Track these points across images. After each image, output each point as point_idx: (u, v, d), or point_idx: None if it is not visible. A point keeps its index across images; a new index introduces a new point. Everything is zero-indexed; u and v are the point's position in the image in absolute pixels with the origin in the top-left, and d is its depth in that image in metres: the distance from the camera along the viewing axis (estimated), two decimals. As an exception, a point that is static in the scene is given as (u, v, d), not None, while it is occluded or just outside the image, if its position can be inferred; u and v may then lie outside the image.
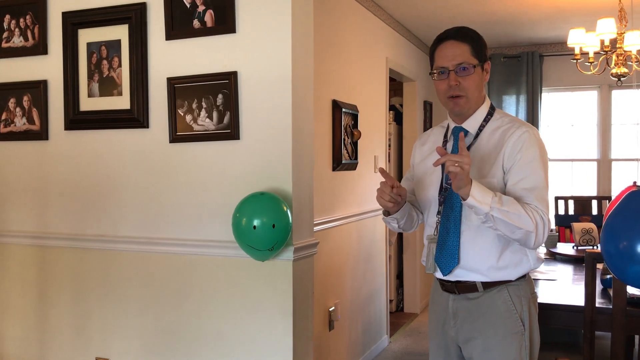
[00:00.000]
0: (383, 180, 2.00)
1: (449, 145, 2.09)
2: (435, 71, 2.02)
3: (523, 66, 6.40)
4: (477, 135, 2.03)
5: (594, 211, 5.29)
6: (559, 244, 4.61)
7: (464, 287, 2.02)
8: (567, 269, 3.93)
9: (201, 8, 2.58)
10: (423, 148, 2.22)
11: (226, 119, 2.56)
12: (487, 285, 1.99)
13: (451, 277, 2.03)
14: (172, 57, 2.67)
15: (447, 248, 2.00)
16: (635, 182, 2.10)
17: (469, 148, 2.02)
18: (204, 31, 2.59)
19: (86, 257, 2.87)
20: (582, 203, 5.36)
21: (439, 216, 2.04)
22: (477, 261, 1.98)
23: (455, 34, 2.02)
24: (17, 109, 2.98)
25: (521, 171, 1.92)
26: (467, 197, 1.82)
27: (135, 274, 2.78)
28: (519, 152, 1.93)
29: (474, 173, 1.97)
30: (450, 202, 2.01)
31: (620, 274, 1.83)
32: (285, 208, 2.37)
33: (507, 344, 1.96)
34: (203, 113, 2.60)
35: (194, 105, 2.61)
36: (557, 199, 5.44)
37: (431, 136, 2.22)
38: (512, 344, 1.96)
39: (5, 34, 2.99)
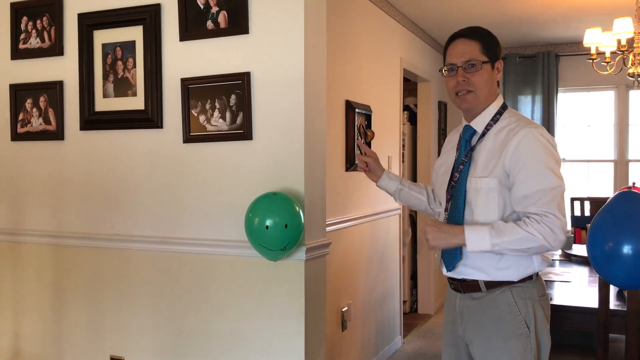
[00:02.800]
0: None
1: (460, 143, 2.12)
2: (445, 68, 2.06)
3: (539, 66, 6.35)
4: (484, 134, 2.03)
5: (611, 212, 5.22)
6: (574, 246, 4.58)
7: (469, 286, 2.03)
8: (582, 271, 3.91)
9: (215, 9, 2.59)
10: (447, 147, 2.27)
11: (239, 120, 2.57)
12: (490, 285, 1.99)
13: (456, 275, 2.05)
14: (185, 58, 2.69)
15: None
16: (634, 183, 2.07)
17: (475, 147, 2.03)
18: (218, 32, 2.60)
19: (101, 256, 2.90)
20: (599, 204, 5.28)
21: (446, 213, 2.05)
22: (479, 259, 1.98)
23: (465, 32, 2.06)
24: (34, 110, 3.02)
25: (526, 174, 1.90)
26: (465, 246, 1.86)
27: (149, 273, 2.80)
28: (521, 154, 1.91)
29: (477, 171, 1.98)
30: (456, 199, 2.03)
31: (603, 274, 1.83)
32: (297, 208, 2.38)
33: (510, 346, 1.95)
34: (216, 113, 2.61)
35: (208, 106, 2.63)
36: (572, 200, 5.40)
37: (452, 136, 2.27)
38: (515, 345, 1.95)
39: (22, 36, 3.03)
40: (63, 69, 2.95)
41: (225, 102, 2.59)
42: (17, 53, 3.05)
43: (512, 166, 1.92)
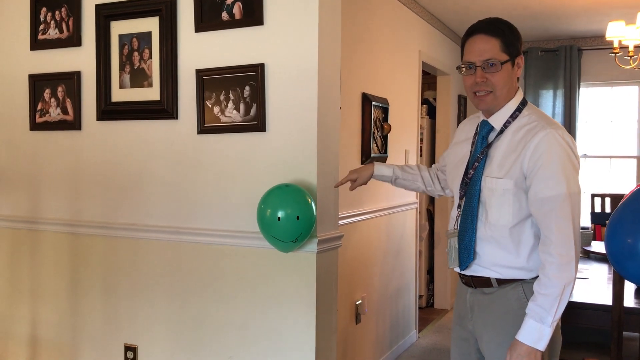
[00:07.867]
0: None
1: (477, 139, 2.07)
2: (463, 66, 1.98)
3: (561, 60, 6.26)
4: (502, 131, 1.98)
5: (632, 209, 5.14)
6: (593, 242, 4.52)
7: (480, 282, 2.01)
8: (601, 268, 3.86)
9: (230, 0, 2.60)
10: (461, 135, 2.21)
11: (253, 111, 2.58)
12: (502, 282, 1.97)
13: (467, 272, 2.03)
14: (200, 49, 2.70)
15: (465, 243, 1.99)
16: None
17: (491, 144, 1.99)
18: (232, 23, 2.60)
19: (117, 245, 2.93)
20: (619, 201, 5.23)
21: (459, 210, 2.02)
22: (492, 259, 1.96)
23: (485, 27, 1.95)
24: (52, 100, 3.06)
25: (542, 178, 1.85)
26: (542, 347, 1.83)
27: (163, 262, 2.82)
28: (539, 156, 1.85)
29: (493, 170, 1.95)
30: (469, 198, 1.99)
31: (621, 269, 1.80)
32: (309, 200, 2.38)
33: None
34: (230, 105, 2.62)
35: (222, 97, 2.63)
36: (593, 196, 5.32)
37: (467, 125, 2.21)
38: None
39: (41, 27, 3.07)
40: (80, 59, 2.98)
41: (240, 94, 2.60)
42: (36, 44, 3.09)
43: (530, 168, 1.87)
